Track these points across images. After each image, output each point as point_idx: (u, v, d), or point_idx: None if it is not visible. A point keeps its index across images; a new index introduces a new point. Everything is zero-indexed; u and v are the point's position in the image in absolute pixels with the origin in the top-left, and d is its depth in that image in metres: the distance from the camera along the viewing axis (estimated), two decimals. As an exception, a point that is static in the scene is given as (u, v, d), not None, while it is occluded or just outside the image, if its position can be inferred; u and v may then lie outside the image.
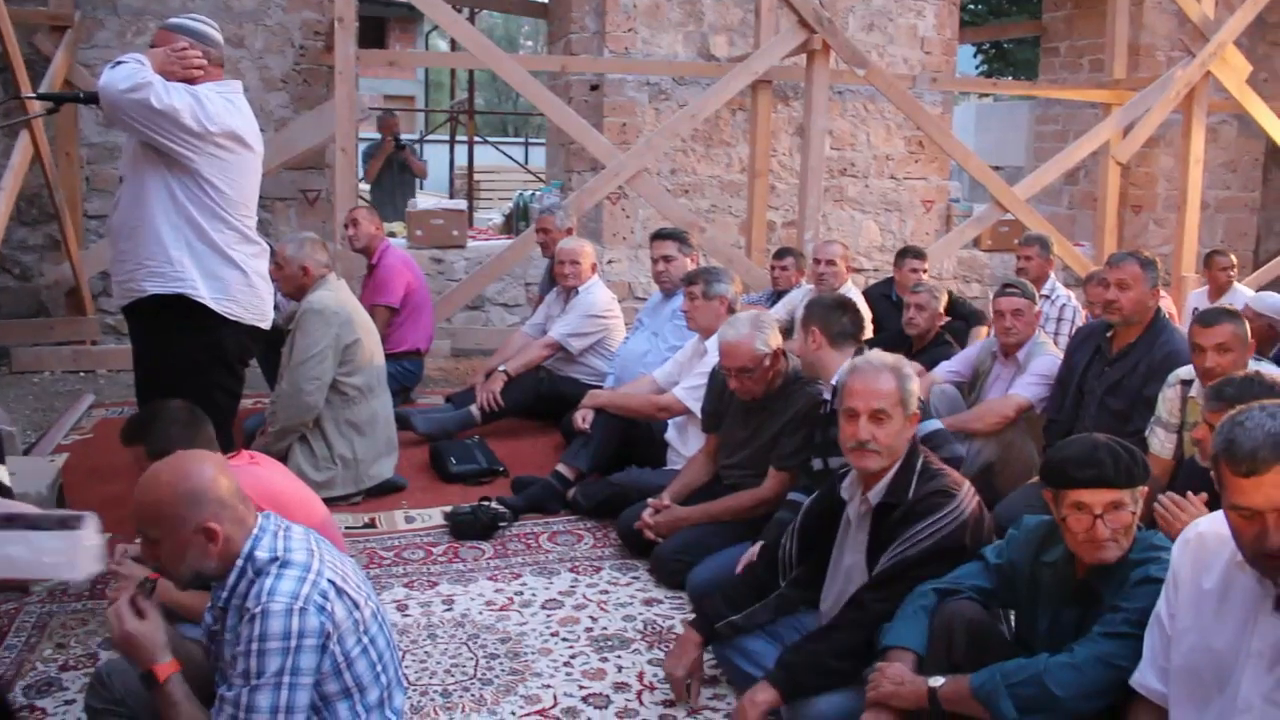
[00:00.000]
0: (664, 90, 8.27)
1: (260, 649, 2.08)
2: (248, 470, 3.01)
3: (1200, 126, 8.22)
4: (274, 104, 7.45)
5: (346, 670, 2.21)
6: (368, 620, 2.27)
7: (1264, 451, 1.80)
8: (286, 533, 2.26)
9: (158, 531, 2.17)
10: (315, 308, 4.50)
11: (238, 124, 3.41)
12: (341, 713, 2.22)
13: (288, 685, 2.09)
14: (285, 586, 2.13)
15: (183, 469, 2.22)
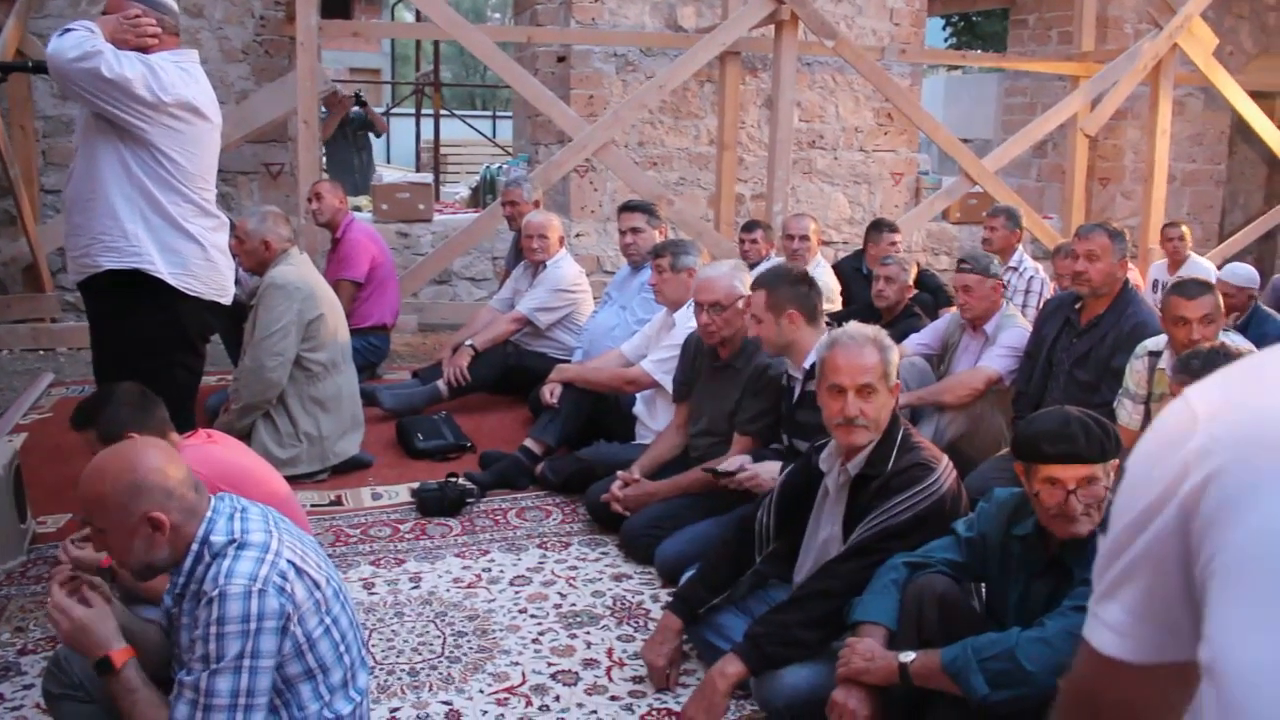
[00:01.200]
0: (631, 62, 8.20)
1: (219, 632, 2.04)
2: (205, 450, 2.95)
3: (1167, 99, 8.24)
4: (234, 75, 7.32)
5: (309, 651, 2.17)
6: (329, 600, 2.23)
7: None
8: (243, 514, 2.22)
9: (104, 522, 2.13)
10: (278, 283, 4.43)
11: (193, 94, 3.33)
12: (304, 695, 2.19)
13: (248, 669, 2.05)
14: (243, 568, 2.09)
15: (126, 460, 2.17)
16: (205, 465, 2.81)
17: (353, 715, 2.29)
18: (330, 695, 2.23)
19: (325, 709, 2.22)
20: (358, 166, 9.59)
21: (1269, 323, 5.41)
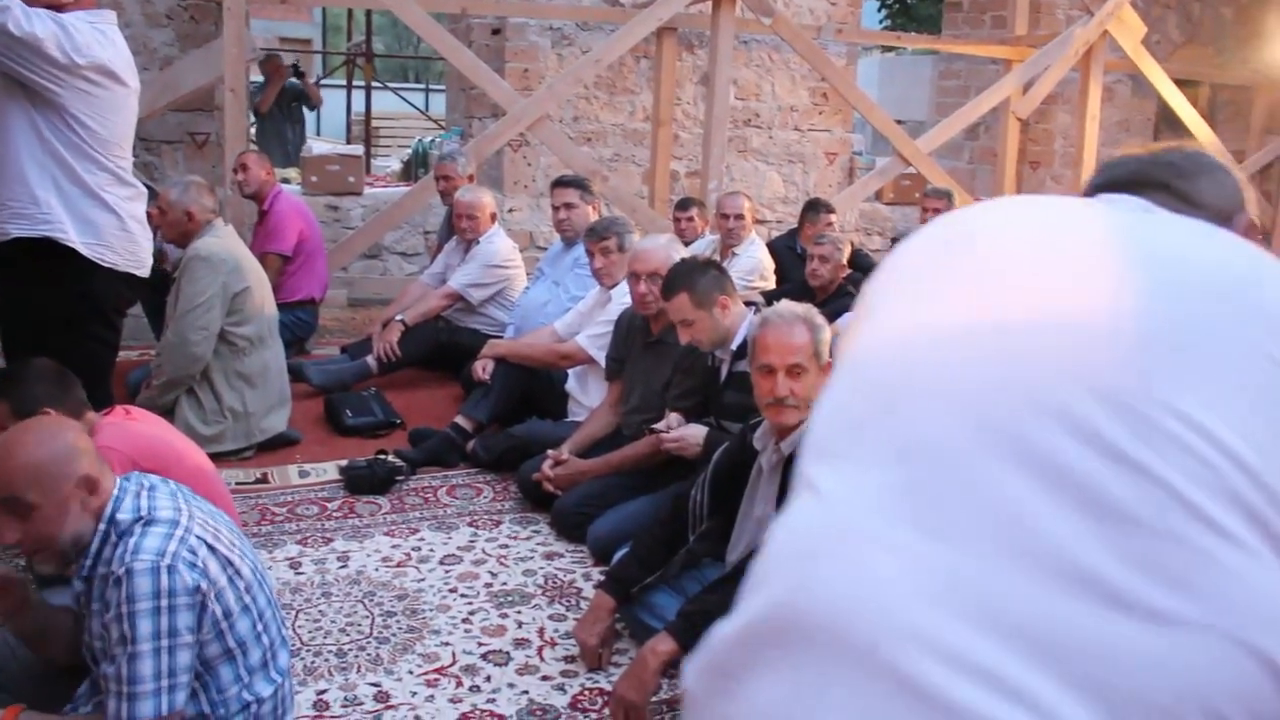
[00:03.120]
0: (567, 36, 8.11)
1: (130, 610, 1.97)
2: (125, 426, 2.86)
3: (1097, 85, 8.35)
4: (158, 41, 7.09)
5: (228, 631, 2.11)
6: (247, 577, 2.17)
7: None
8: (150, 491, 2.15)
9: (36, 493, 2.01)
10: (201, 254, 4.31)
11: (109, 57, 3.19)
12: (224, 676, 2.13)
13: (166, 649, 1.99)
14: (150, 544, 2.02)
15: (49, 427, 2.11)
16: (125, 442, 2.73)
17: (274, 697, 2.24)
18: (250, 676, 2.17)
19: (245, 690, 2.17)
20: (290, 139, 9.40)
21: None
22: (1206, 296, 0.95)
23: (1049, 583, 0.83)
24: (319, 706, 2.77)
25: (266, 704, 2.21)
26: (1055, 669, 0.80)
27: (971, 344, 0.98)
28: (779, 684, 0.88)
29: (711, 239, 6.30)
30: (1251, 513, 0.85)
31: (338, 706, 2.78)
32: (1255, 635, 0.82)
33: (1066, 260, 1.02)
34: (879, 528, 0.90)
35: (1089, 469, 0.86)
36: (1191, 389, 0.88)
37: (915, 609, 0.85)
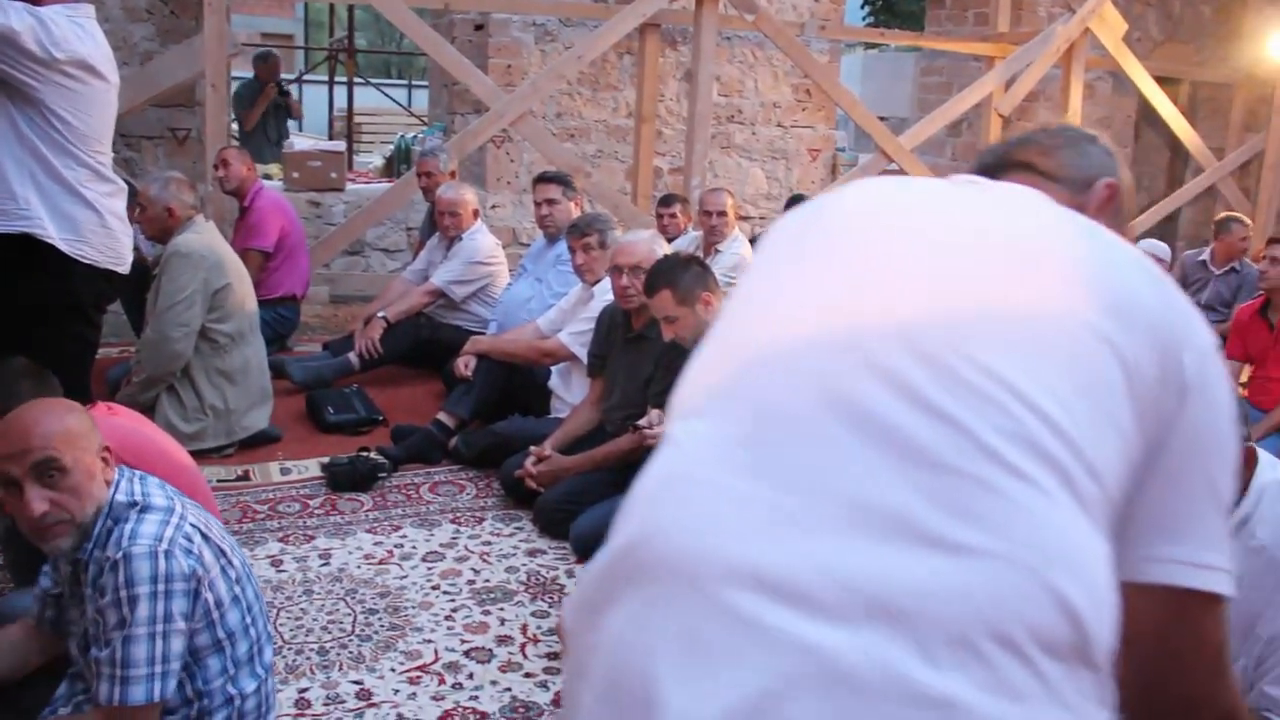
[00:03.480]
0: (550, 32, 8.10)
1: (130, 594, 1.97)
2: (106, 422, 2.84)
3: (1078, 82, 8.38)
4: (138, 36, 7.04)
5: (219, 621, 2.11)
6: (238, 568, 2.18)
7: None
8: (143, 481, 2.16)
9: (70, 456, 2.03)
10: (182, 251, 4.28)
11: (88, 51, 3.16)
12: (211, 668, 2.13)
13: (161, 634, 1.99)
14: (147, 529, 2.02)
15: (63, 401, 2.15)
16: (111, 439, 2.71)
17: (258, 693, 2.23)
18: (235, 669, 2.16)
19: (230, 684, 2.16)
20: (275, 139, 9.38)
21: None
22: (1025, 265, 1.06)
23: (861, 522, 0.91)
24: (300, 705, 2.77)
25: (250, 699, 2.20)
26: (862, 599, 0.87)
27: (814, 313, 1.08)
28: (626, 614, 0.96)
29: (694, 235, 6.30)
30: (1049, 458, 0.94)
31: (320, 705, 2.77)
32: (1042, 566, 0.90)
33: (902, 235, 1.12)
34: (717, 474, 0.99)
35: (904, 421, 0.95)
36: (1002, 349, 0.98)
37: (738, 544, 0.93)
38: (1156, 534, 1.05)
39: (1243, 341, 5.13)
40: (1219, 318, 6.31)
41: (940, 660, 0.86)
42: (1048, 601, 0.90)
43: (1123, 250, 1.12)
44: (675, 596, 0.93)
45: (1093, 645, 0.92)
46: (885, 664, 0.86)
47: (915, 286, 1.06)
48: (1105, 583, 0.94)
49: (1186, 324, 1.07)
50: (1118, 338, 1.01)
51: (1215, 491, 1.08)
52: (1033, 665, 0.88)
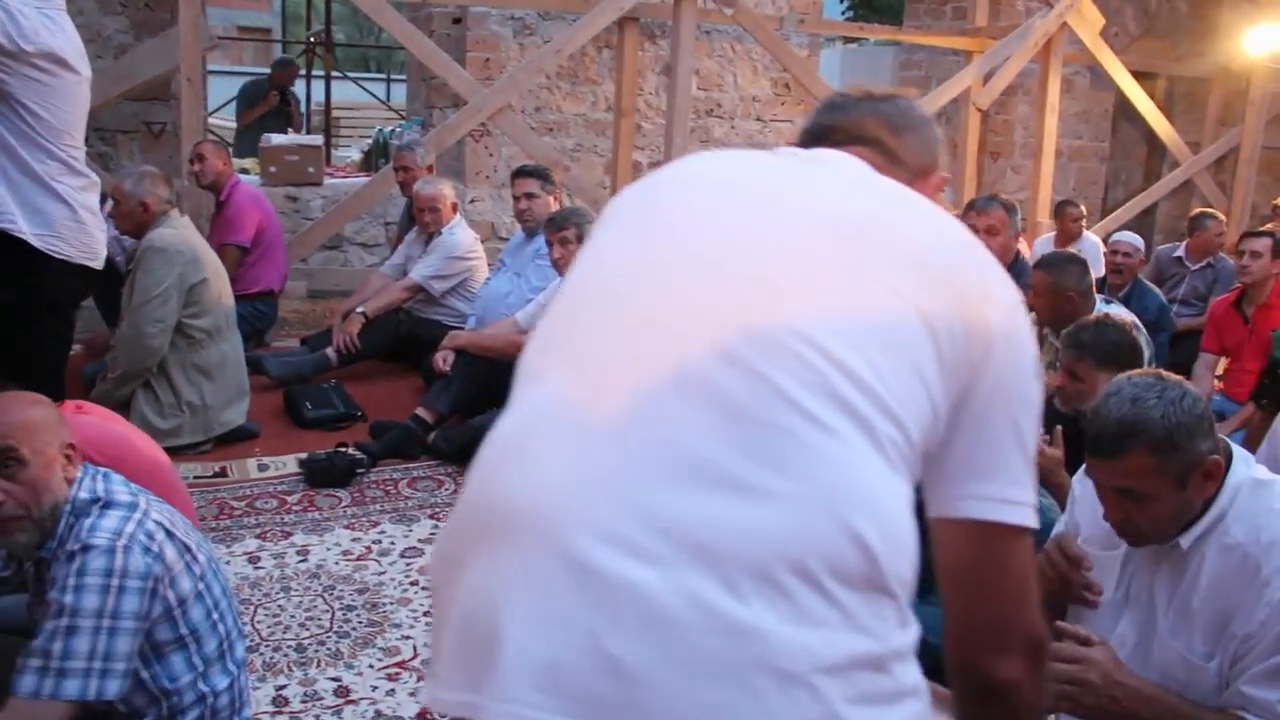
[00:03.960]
0: (529, 25, 8.06)
1: (78, 584, 1.92)
2: (77, 420, 2.80)
3: (1056, 76, 8.41)
4: (112, 29, 6.98)
5: (181, 617, 2.08)
6: (202, 565, 2.15)
7: (1106, 441, 1.83)
8: (106, 478, 2.13)
9: (29, 448, 2.00)
10: (157, 246, 4.24)
11: (58, 43, 3.12)
12: (176, 666, 2.09)
13: (107, 629, 1.94)
14: (107, 524, 2.00)
15: (29, 394, 2.11)
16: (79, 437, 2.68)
17: (231, 689, 2.21)
18: (205, 666, 2.14)
19: (201, 681, 2.13)
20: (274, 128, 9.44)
21: (1149, 295, 5.56)
22: (853, 237, 1.16)
23: (679, 473, 1.01)
24: (278, 702, 2.75)
25: (223, 696, 2.18)
26: (676, 541, 0.97)
27: (644, 282, 1.16)
28: (479, 566, 1.05)
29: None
30: (850, 408, 1.04)
31: (297, 702, 2.76)
32: (836, 505, 1.01)
33: (734, 204, 1.21)
34: (553, 434, 1.08)
35: (720, 378, 1.05)
36: (819, 315, 1.08)
37: (572, 498, 1.02)
38: (967, 474, 1.17)
39: (1218, 334, 5.16)
40: (1194, 312, 6.34)
41: (745, 593, 0.96)
42: (841, 537, 1.00)
43: (935, 219, 1.22)
44: (519, 548, 1.02)
45: (886, 575, 1.02)
46: (696, 599, 0.95)
47: (735, 254, 1.15)
48: (899, 518, 1.05)
49: (993, 283, 1.19)
50: (924, 299, 1.12)
51: (1019, 435, 1.19)
52: (829, 595, 0.98)
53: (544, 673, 0.97)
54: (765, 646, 0.95)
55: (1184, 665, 1.86)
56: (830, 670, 0.97)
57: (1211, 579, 1.84)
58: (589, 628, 0.96)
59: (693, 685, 0.94)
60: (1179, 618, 1.88)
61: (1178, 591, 1.89)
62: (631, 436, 1.04)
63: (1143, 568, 1.96)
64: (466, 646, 1.04)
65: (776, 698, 0.95)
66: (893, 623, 1.03)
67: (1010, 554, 1.19)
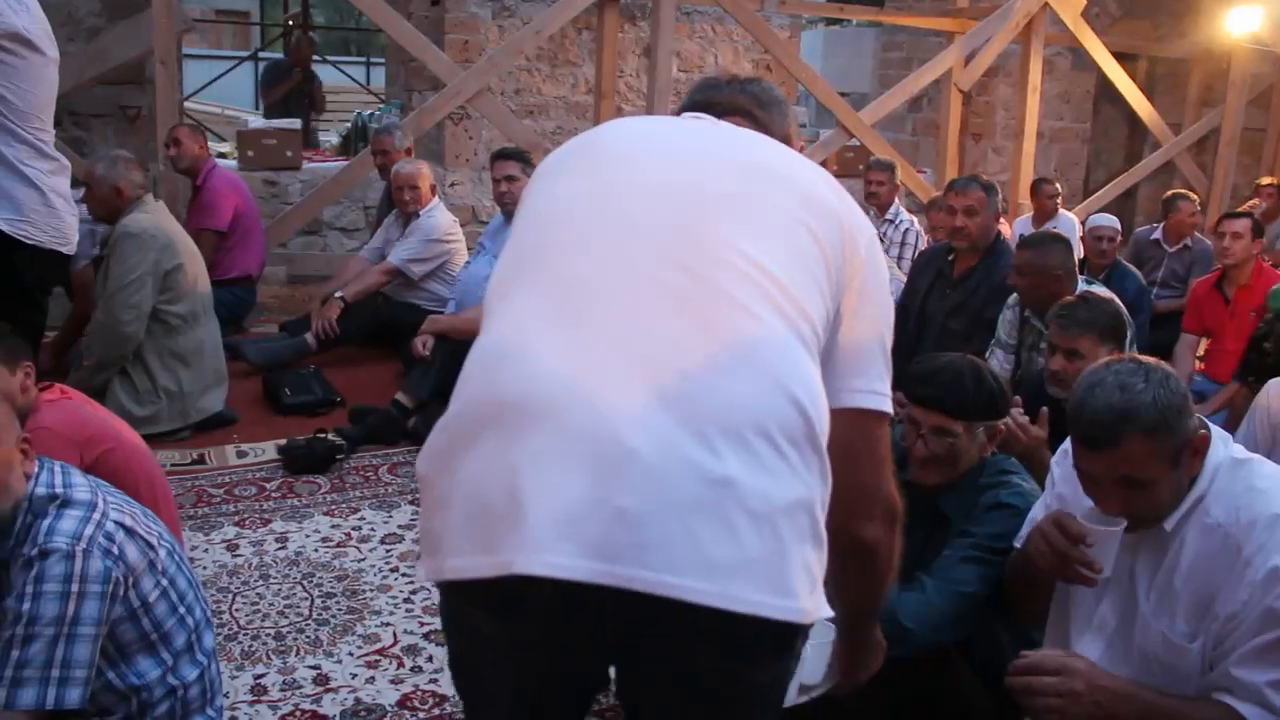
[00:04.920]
0: (508, 7, 8.00)
1: (35, 591, 1.88)
2: (62, 405, 2.76)
3: (1038, 57, 8.39)
4: (83, 11, 6.87)
5: (144, 615, 2.05)
6: (163, 560, 2.11)
7: (1101, 431, 1.80)
8: (65, 472, 2.08)
9: None
10: (131, 231, 4.19)
11: (24, 24, 3.07)
12: (143, 664, 2.07)
13: (65, 636, 1.90)
14: (66, 526, 1.95)
15: None
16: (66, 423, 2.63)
17: (200, 680, 2.18)
18: (174, 661, 2.11)
19: (170, 675, 2.11)
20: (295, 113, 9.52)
21: (1128, 277, 5.57)
22: (761, 178, 1.44)
23: (656, 356, 1.25)
24: (256, 691, 2.73)
25: (193, 688, 2.16)
26: (661, 410, 1.22)
27: (599, 209, 1.41)
28: (486, 449, 1.26)
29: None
30: (778, 307, 1.32)
31: (276, 690, 2.73)
32: (781, 377, 1.28)
33: (668, 152, 1.48)
34: (541, 335, 1.30)
35: (677, 282, 1.31)
36: (746, 235, 1.36)
37: (571, 382, 1.24)
38: (844, 372, 1.46)
39: (1199, 315, 5.17)
40: (1173, 294, 6.35)
41: (720, 451, 1.22)
42: (787, 402, 1.27)
43: (817, 169, 1.53)
44: (535, 429, 1.23)
45: (817, 433, 1.30)
46: (682, 456, 1.20)
47: (673, 189, 1.41)
48: (818, 389, 1.34)
49: (861, 220, 1.50)
50: (814, 224, 1.41)
51: (880, 340, 1.49)
52: (780, 450, 1.25)
53: (566, 525, 1.19)
54: (737, 491, 1.21)
55: (1166, 646, 1.86)
56: (782, 510, 1.24)
57: (1193, 560, 1.83)
58: (597, 485, 1.19)
59: (683, 524, 1.19)
60: (1161, 599, 1.87)
61: (1159, 573, 1.88)
62: (616, 333, 1.27)
63: (1123, 550, 1.95)
64: (483, 519, 1.24)
65: (747, 531, 1.21)
66: (818, 474, 1.30)
67: (875, 435, 1.50)
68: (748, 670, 1.31)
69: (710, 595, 1.19)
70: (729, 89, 1.72)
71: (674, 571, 1.18)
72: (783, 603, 1.23)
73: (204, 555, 3.43)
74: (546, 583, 1.18)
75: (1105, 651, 1.97)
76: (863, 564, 1.54)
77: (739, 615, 1.20)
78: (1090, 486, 1.89)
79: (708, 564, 1.19)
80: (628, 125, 1.60)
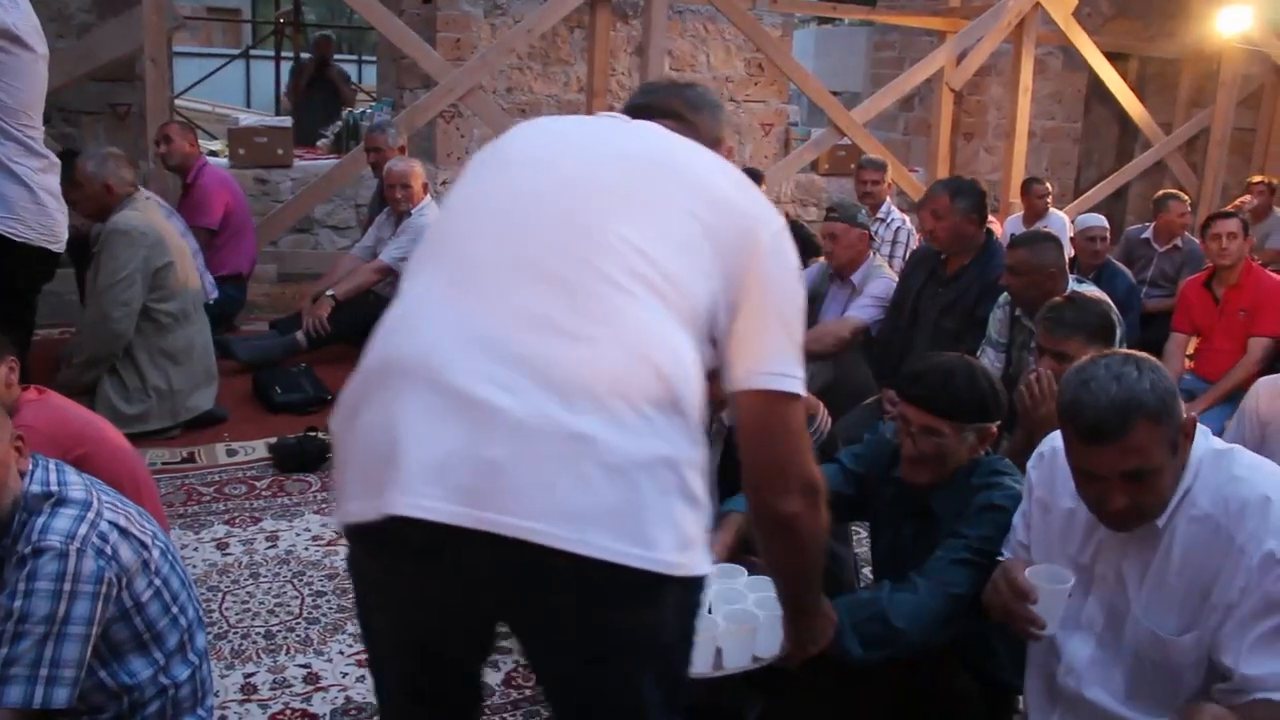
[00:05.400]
0: (500, 5, 7.99)
1: (27, 589, 1.87)
2: (44, 404, 2.75)
3: (1029, 57, 8.41)
4: (74, 7, 6.86)
5: (137, 615, 2.04)
6: (157, 561, 2.10)
7: (1108, 423, 1.77)
8: (59, 470, 2.07)
9: None
10: (121, 228, 4.17)
11: (13, 21, 3.05)
12: (135, 662, 2.06)
13: (55, 636, 1.89)
14: (60, 525, 1.94)
15: None
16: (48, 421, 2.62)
17: (192, 680, 2.17)
18: (166, 660, 2.10)
19: (161, 674, 2.10)
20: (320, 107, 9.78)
21: (1119, 276, 5.58)
22: (655, 173, 1.56)
23: (528, 327, 1.39)
24: (247, 690, 2.72)
25: (184, 687, 2.15)
26: (529, 374, 1.35)
27: (497, 201, 1.56)
28: (376, 406, 1.41)
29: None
30: (652, 284, 1.44)
31: (266, 690, 2.73)
32: (642, 347, 1.40)
33: (568, 150, 1.62)
34: (433, 307, 1.46)
35: (560, 265, 1.44)
36: (633, 224, 1.48)
37: (451, 350, 1.38)
38: (750, 355, 1.55)
39: (1189, 314, 5.18)
40: (1164, 293, 6.36)
41: (580, 410, 1.34)
42: (649, 370, 1.39)
43: (718, 163, 1.64)
44: (414, 389, 1.37)
45: (681, 399, 1.41)
46: (545, 414, 1.33)
47: (569, 184, 1.55)
48: (687, 358, 1.44)
49: (762, 211, 1.60)
50: (705, 215, 1.52)
51: (787, 326, 1.57)
52: (640, 411, 1.37)
53: (435, 472, 1.32)
54: (594, 446, 1.33)
55: (1156, 644, 1.86)
56: (640, 465, 1.35)
57: (1185, 553, 1.83)
58: (468, 439, 1.33)
59: (542, 474, 1.31)
60: (1154, 595, 1.87)
61: (1150, 569, 1.88)
62: (495, 306, 1.42)
63: (1110, 548, 1.94)
64: (369, 467, 1.38)
65: (602, 482, 1.32)
66: (683, 436, 1.41)
67: (786, 415, 1.57)
68: (611, 619, 1.38)
69: (565, 540, 1.29)
70: (664, 93, 1.86)
71: (533, 517, 1.29)
72: (639, 551, 1.33)
73: (194, 554, 3.42)
74: (422, 525, 1.31)
75: (1095, 651, 1.98)
76: (785, 537, 1.63)
77: (595, 561, 1.30)
78: (1090, 486, 1.86)
79: (564, 511, 1.30)
80: (539, 125, 1.73)
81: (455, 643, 1.56)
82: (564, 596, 1.36)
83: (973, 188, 4.36)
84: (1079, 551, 2.00)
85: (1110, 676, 1.95)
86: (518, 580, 1.35)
